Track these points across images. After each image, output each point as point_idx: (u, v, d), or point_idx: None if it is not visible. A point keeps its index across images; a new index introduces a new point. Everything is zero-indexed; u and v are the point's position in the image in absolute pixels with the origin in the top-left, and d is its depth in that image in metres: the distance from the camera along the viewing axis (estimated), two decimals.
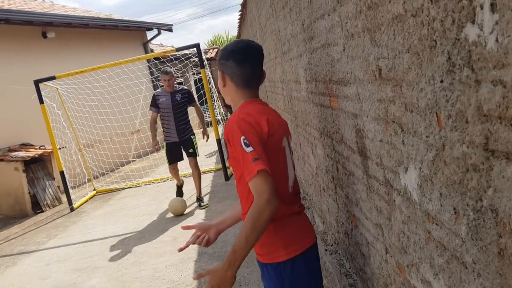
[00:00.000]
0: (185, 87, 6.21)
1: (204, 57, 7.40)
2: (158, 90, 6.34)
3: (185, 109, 6.19)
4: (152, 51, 13.51)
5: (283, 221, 1.75)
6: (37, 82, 7.52)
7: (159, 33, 13.60)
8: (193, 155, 6.16)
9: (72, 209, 7.56)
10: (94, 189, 8.56)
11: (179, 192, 6.59)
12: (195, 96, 8.08)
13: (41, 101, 7.55)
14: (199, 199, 6.23)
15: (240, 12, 7.46)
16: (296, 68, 2.59)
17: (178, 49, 7.30)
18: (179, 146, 6.21)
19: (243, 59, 1.78)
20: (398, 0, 0.97)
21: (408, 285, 1.26)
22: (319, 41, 1.86)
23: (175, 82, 6.25)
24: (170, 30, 14.15)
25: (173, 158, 6.23)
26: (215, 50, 20.78)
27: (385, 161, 1.28)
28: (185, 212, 6.01)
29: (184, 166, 7.44)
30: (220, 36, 32.66)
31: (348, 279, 2.05)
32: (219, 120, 8.86)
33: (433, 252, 1.02)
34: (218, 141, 7.30)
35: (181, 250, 1.99)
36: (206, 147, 10.00)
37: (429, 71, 0.87)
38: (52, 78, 7.51)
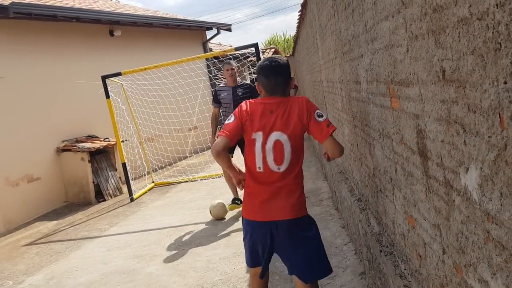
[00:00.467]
0: (248, 82, 5.98)
1: (261, 56, 7.51)
2: (220, 85, 6.07)
3: None
4: (211, 50, 13.83)
5: (246, 188, 2.53)
6: (104, 78, 7.94)
7: (218, 33, 13.89)
8: None
9: (132, 200, 7.92)
10: (153, 182, 8.92)
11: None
12: None
13: (108, 96, 7.96)
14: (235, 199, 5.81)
15: (300, 13, 7.49)
16: (356, 68, 2.61)
17: (237, 49, 7.46)
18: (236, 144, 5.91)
19: (267, 73, 2.42)
20: (464, 4, 0.99)
21: (465, 285, 1.27)
22: (381, 42, 1.88)
23: (238, 76, 5.93)
24: (229, 30, 14.41)
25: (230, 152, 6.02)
26: (272, 50, 20.92)
27: (445, 162, 1.30)
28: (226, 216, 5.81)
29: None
30: (278, 36, 32.72)
31: (402, 280, 2.06)
32: None
33: (492, 251, 1.04)
34: None
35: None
36: None
37: (493, 73, 0.89)
38: (118, 74, 7.90)
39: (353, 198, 3.51)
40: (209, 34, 14.31)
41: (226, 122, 2.47)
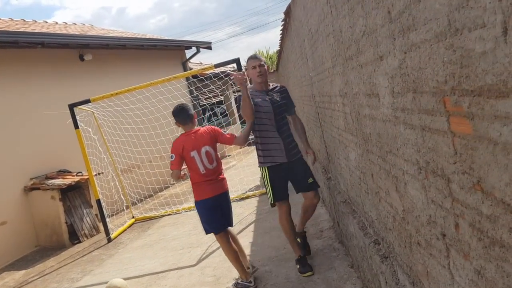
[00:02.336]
0: (278, 85, 4.38)
1: (245, 73, 6.84)
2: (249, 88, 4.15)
3: (285, 116, 4.21)
4: (191, 70, 13.16)
5: (197, 185, 3.92)
6: (71, 106, 7.20)
7: (198, 51, 13.25)
8: (313, 186, 4.15)
9: (109, 240, 7.11)
10: (133, 217, 8.12)
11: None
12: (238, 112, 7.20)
13: (76, 126, 7.21)
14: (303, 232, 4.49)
15: (283, 22, 6.84)
16: (370, 76, 1.92)
17: (216, 65, 6.78)
18: (286, 173, 4.12)
19: (180, 113, 3.96)
20: None
21: None
22: (428, 30, 1.19)
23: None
24: (209, 48, 13.79)
25: (283, 191, 4.08)
26: None
27: None
28: None
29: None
30: (260, 52, 32.33)
31: None
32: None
33: None
34: None
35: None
36: (249, 173, 9.38)
37: None
38: (87, 101, 7.16)
39: (367, 239, 2.80)
40: (189, 53, 13.68)
41: (171, 159, 3.89)
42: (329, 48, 2.87)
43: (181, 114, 3.95)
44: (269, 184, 4.10)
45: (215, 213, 3.94)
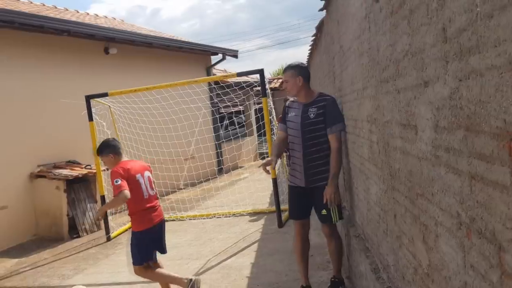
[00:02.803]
0: (328, 96, 3.88)
1: (267, 86, 6.61)
2: (291, 99, 4.01)
3: (322, 134, 3.62)
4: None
5: (140, 213, 3.91)
6: (88, 98, 7.07)
7: (223, 58, 13.10)
8: (326, 219, 3.74)
9: (108, 239, 6.90)
10: None
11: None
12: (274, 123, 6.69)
13: (91, 118, 7.07)
14: (335, 281, 3.87)
15: (314, 37, 6.60)
16: (409, 104, 1.65)
17: (239, 74, 6.57)
18: (307, 197, 3.82)
19: (116, 145, 4.12)
20: None
21: None
22: (499, 54, 0.93)
23: (304, 88, 3.78)
24: (235, 56, 13.62)
25: (296, 211, 3.94)
26: (280, 80, 20.14)
27: None
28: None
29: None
30: (282, 66, 32.15)
31: None
32: None
33: None
34: (274, 180, 6.38)
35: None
36: (261, 186, 9.09)
37: None
38: (105, 95, 7.02)
39: (379, 285, 2.50)
40: (214, 59, 13.53)
41: (116, 183, 3.70)
42: (361, 68, 2.61)
43: (114, 146, 4.05)
44: (289, 200, 4.03)
45: (159, 242, 4.08)
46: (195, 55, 12.48)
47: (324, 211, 3.70)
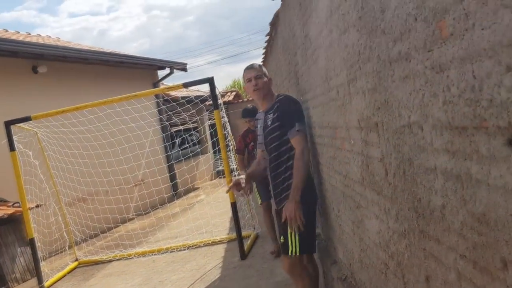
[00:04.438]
0: (282, 95, 3.19)
1: (219, 98, 5.76)
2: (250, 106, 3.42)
3: (283, 142, 2.97)
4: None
5: None
6: (8, 124, 5.96)
7: (171, 72, 12.16)
8: (284, 249, 2.94)
9: None
10: (76, 259, 6.77)
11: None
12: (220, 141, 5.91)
13: (12, 148, 5.96)
14: None
15: (268, 37, 5.81)
16: (474, 89, 0.84)
17: (185, 84, 5.69)
18: (279, 216, 3.09)
19: None
20: None
21: None
22: None
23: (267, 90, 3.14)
24: (185, 70, 12.71)
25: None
26: (234, 93, 19.32)
27: None
28: None
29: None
30: (240, 80, 31.85)
31: None
32: (234, 171, 6.95)
33: None
34: (234, 204, 5.50)
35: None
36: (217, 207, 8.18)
37: None
38: (27, 119, 5.95)
39: None
40: (162, 74, 12.57)
41: None
42: (345, 51, 1.81)
43: None
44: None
45: None
46: (139, 70, 11.48)
47: (282, 238, 2.92)
